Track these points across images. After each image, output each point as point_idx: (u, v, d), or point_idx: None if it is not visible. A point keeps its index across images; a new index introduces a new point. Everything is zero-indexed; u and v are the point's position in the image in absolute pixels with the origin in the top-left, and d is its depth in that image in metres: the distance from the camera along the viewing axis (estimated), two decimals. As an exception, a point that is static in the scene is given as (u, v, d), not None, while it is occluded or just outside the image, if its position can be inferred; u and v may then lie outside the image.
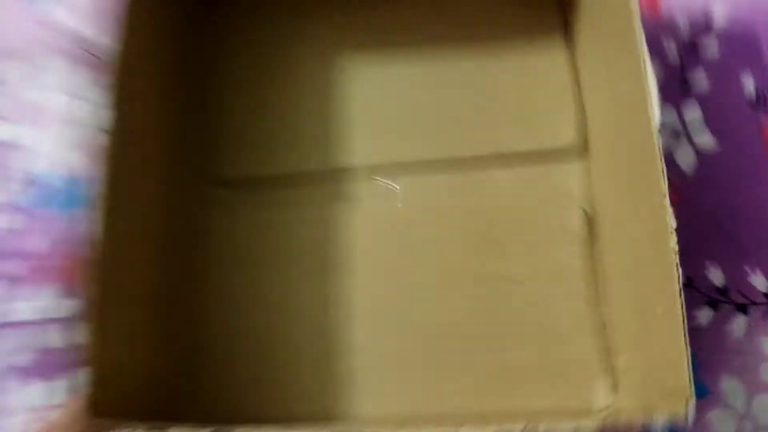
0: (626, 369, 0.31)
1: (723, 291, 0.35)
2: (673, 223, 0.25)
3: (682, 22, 0.40)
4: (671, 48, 0.39)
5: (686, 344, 0.23)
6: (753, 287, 0.35)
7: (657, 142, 0.26)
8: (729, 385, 0.33)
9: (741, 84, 0.38)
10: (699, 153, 0.37)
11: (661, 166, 0.26)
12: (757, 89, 0.38)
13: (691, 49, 0.39)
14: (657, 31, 0.39)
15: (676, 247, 0.24)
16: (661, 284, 0.26)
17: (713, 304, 0.35)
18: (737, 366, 0.34)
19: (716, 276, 0.35)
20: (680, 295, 0.24)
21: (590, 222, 0.35)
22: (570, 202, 0.35)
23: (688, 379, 0.23)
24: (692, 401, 0.23)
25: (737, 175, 0.37)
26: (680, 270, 0.24)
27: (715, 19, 0.40)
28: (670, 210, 0.25)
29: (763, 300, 0.34)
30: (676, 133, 0.37)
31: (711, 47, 0.39)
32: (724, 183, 0.36)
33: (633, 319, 0.30)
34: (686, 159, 0.37)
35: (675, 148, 0.37)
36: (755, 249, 0.35)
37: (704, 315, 0.35)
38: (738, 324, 0.34)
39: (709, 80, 0.38)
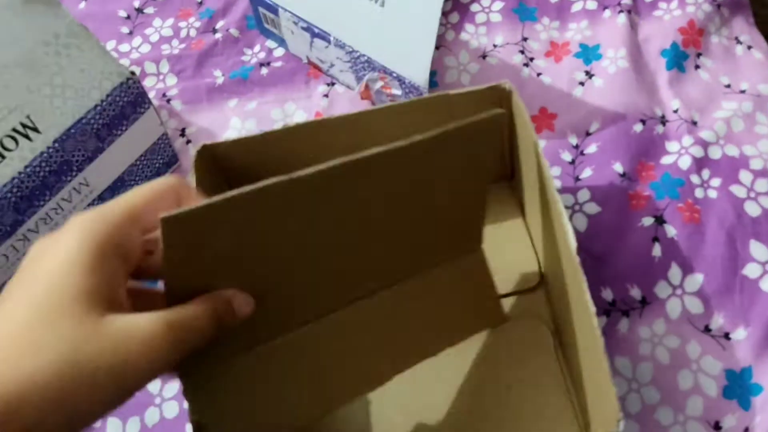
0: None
1: (612, 303, 0.51)
2: (594, 312, 0.37)
3: (570, 134, 0.58)
4: (565, 154, 0.57)
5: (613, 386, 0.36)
6: (632, 298, 0.51)
7: (578, 266, 0.38)
8: (620, 362, 0.49)
9: (612, 167, 0.56)
10: (588, 217, 0.54)
11: (582, 278, 0.38)
12: (625, 170, 0.56)
13: (578, 152, 0.57)
14: (555, 145, 0.58)
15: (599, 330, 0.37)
16: (594, 358, 0.38)
17: (607, 313, 0.50)
18: (624, 349, 0.49)
19: (607, 294, 0.51)
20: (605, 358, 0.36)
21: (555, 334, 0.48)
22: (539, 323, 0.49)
23: (617, 408, 0.35)
24: (622, 422, 0.35)
25: (614, 228, 0.53)
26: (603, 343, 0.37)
27: (591, 128, 0.58)
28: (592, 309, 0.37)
29: (638, 305, 0.51)
30: (573, 208, 0.54)
31: (592, 147, 0.57)
32: (607, 234, 0.53)
33: (585, 390, 0.43)
34: (580, 223, 0.54)
35: (572, 217, 0.54)
36: (631, 273, 0.52)
37: (601, 320, 0.50)
38: (623, 323, 0.50)
39: (593, 170, 0.56)
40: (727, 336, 0.49)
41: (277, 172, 0.46)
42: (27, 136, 0.49)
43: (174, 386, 0.51)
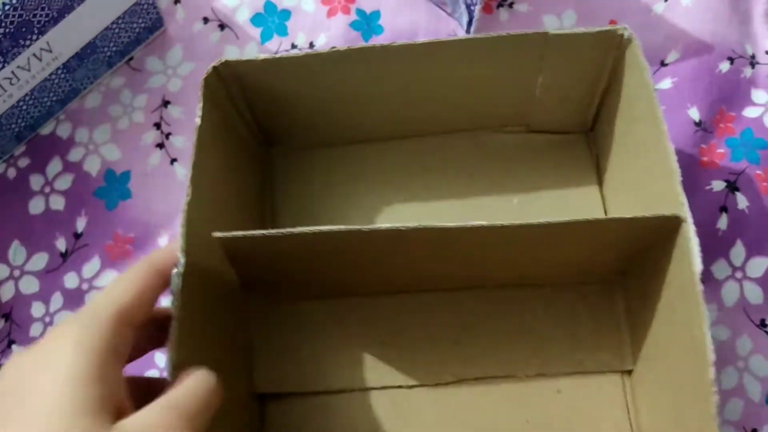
0: None
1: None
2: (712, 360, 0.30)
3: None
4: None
5: None
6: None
7: (700, 296, 0.32)
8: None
9: (687, 112, 0.47)
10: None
11: (704, 314, 0.31)
12: (701, 118, 0.47)
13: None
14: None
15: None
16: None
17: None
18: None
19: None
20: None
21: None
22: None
23: None
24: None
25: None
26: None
27: (668, 58, 0.49)
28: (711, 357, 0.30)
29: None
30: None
31: (665, 82, 0.48)
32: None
33: None
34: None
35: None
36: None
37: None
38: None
39: (663, 111, 0.46)
40: (784, 335, 0.43)
41: (316, 99, 0.44)
42: (-27, -13, 0.38)
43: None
